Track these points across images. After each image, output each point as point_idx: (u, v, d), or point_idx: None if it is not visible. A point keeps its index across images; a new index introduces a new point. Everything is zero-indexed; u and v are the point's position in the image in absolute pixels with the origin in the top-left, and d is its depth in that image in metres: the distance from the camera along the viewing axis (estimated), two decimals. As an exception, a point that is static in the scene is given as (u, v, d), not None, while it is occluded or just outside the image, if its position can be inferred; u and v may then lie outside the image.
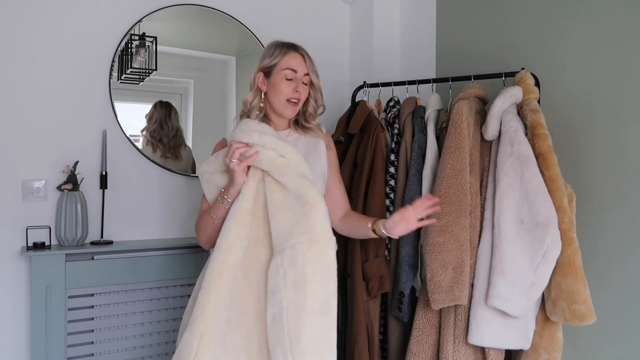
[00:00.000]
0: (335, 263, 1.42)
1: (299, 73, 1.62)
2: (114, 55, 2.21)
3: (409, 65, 2.62)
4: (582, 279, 1.56)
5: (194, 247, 2.25)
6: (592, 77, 1.81)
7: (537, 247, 1.57)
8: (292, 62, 1.62)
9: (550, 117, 1.73)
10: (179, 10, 2.34)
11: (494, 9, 2.19)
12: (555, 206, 1.58)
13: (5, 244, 2.03)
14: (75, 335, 2.03)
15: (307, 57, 1.65)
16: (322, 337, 1.37)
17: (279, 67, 1.61)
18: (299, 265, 1.37)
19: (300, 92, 1.62)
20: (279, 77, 1.60)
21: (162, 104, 2.35)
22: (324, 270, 1.39)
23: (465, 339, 1.66)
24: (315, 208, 1.42)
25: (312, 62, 1.66)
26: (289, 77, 1.60)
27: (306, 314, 1.35)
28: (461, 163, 1.68)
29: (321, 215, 1.42)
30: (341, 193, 1.73)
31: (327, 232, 1.43)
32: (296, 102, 1.62)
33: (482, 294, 1.62)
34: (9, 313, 2.04)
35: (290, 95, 1.60)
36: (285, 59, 1.62)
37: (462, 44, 2.34)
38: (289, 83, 1.60)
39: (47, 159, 2.10)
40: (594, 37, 1.81)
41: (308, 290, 1.36)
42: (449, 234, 1.64)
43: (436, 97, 1.94)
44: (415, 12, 2.60)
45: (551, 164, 1.61)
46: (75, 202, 2.06)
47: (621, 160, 1.73)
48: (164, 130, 2.33)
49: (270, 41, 1.67)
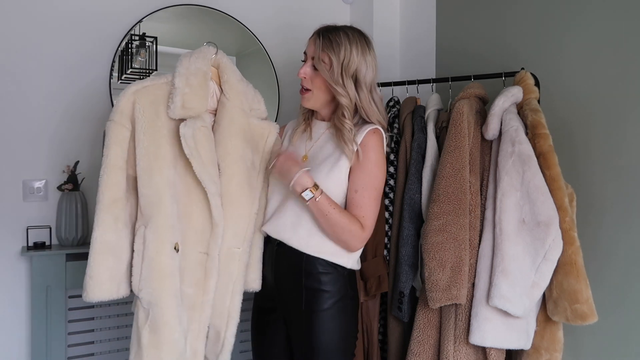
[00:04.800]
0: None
1: (309, 56, 1.53)
2: (114, 56, 2.21)
3: (409, 65, 2.62)
4: (584, 279, 1.56)
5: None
6: (592, 77, 1.81)
7: (538, 247, 1.57)
8: (307, 45, 1.55)
9: (550, 117, 1.73)
10: (179, 10, 2.34)
11: (494, 9, 2.19)
12: (557, 206, 1.58)
13: (6, 244, 2.04)
14: (76, 335, 2.03)
15: (320, 38, 1.49)
16: None
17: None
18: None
19: (305, 78, 1.53)
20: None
21: None
22: None
23: (466, 339, 1.65)
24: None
25: (333, 45, 1.48)
26: (302, 60, 1.55)
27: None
28: (461, 162, 1.68)
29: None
30: (352, 204, 1.52)
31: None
32: (305, 90, 1.55)
33: (484, 293, 1.62)
34: (9, 313, 2.04)
35: (301, 81, 1.55)
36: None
37: (462, 44, 2.34)
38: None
39: (48, 159, 2.10)
40: (594, 37, 1.81)
41: None
42: (447, 233, 1.64)
43: (436, 96, 1.94)
44: (415, 12, 2.60)
45: (552, 163, 1.61)
46: (75, 202, 2.06)
47: (621, 160, 1.73)
48: None
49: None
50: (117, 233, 1.43)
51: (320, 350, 1.51)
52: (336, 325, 1.53)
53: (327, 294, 1.52)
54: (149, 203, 1.42)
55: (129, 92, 1.44)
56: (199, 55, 1.51)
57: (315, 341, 1.51)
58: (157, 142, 1.44)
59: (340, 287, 1.55)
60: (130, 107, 1.43)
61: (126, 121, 1.43)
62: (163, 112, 1.45)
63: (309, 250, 1.53)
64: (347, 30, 1.54)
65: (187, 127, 1.43)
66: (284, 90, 2.57)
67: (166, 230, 1.43)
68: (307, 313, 1.52)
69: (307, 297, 1.52)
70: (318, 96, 1.56)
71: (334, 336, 1.53)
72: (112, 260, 1.43)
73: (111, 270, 1.43)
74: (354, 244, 1.52)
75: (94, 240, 1.42)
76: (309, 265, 1.53)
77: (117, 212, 1.43)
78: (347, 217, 1.49)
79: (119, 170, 1.43)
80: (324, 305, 1.52)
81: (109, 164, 1.42)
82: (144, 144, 1.43)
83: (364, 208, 1.51)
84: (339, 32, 1.52)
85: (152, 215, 1.42)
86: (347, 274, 1.58)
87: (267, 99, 2.50)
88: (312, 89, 1.55)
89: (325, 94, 1.56)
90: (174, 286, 1.43)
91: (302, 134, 1.65)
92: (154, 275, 1.41)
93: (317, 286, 1.52)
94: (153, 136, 1.43)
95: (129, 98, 1.43)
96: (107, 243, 1.42)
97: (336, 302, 1.53)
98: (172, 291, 1.42)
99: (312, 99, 1.56)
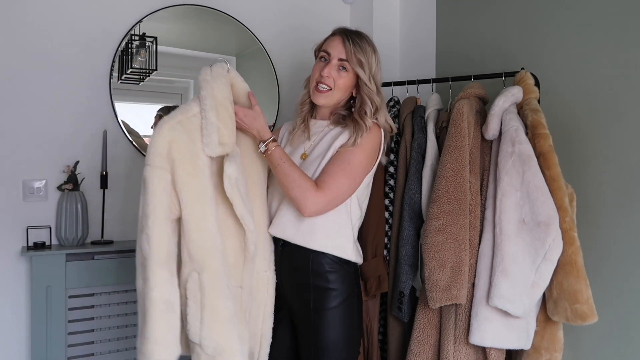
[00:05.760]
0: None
1: (333, 57, 1.53)
2: (114, 56, 2.21)
3: (409, 65, 2.62)
4: (584, 279, 1.56)
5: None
6: (592, 77, 1.81)
7: (538, 247, 1.57)
8: (329, 45, 1.55)
9: (550, 117, 1.73)
10: (179, 10, 2.34)
11: (494, 9, 2.19)
12: (557, 206, 1.58)
13: (6, 244, 2.04)
14: (76, 335, 2.03)
15: (350, 41, 1.51)
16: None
17: (320, 51, 1.57)
18: None
19: (328, 77, 1.52)
20: (316, 61, 1.56)
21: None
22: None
23: (466, 339, 1.65)
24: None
25: (362, 50, 1.51)
26: (322, 60, 1.54)
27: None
28: (461, 162, 1.68)
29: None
30: (321, 170, 1.52)
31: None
32: (324, 88, 1.54)
33: (484, 293, 1.62)
34: (9, 313, 2.04)
35: (318, 78, 1.53)
36: (326, 42, 1.57)
37: (462, 44, 2.34)
38: (320, 65, 1.54)
39: (48, 158, 2.10)
40: (593, 37, 1.81)
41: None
42: (447, 233, 1.64)
43: (436, 96, 1.94)
44: (415, 12, 2.60)
45: (552, 163, 1.61)
46: (75, 202, 2.06)
47: (620, 160, 1.73)
48: None
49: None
50: (175, 289, 1.34)
51: (329, 348, 1.52)
52: (343, 322, 1.55)
53: (334, 292, 1.54)
54: (200, 247, 1.33)
55: (164, 130, 1.33)
56: (221, 80, 1.41)
57: (323, 339, 1.52)
58: (204, 184, 1.35)
59: (348, 285, 1.57)
60: (166, 147, 1.32)
61: (166, 163, 1.32)
62: (200, 149, 1.35)
63: (314, 245, 1.53)
64: (363, 34, 1.60)
65: (233, 168, 1.36)
66: (284, 90, 2.57)
67: (223, 274, 1.35)
68: (315, 312, 1.53)
69: (315, 296, 1.53)
70: (336, 96, 1.58)
71: (341, 334, 1.54)
72: (174, 319, 1.34)
73: (175, 330, 1.34)
74: (304, 202, 1.44)
75: (154, 301, 1.29)
76: (316, 265, 1.54)
77: (172, 267, 1.33)
78: (300, 173, 1.47)
79: (167, 221, 1.32)
80: (331, 304, 1.53)
81: (158, 215, 1.30)
82: (190, 188, 1.32)
83: (328, 174, 1.49)
84: (361, 36, 1.57)
85: (205, 259, 1.33)
86: (352, 271, 1.60)
87: (267, 99, 2.52)
88: (333, 88, 1.56)
89: (343, 94, 1.59)
90: (237, 328, 1.37)
91: (301, 134, 1.66)
92: (217, 321, 1.33)
93: (324, 285, 1.53)
94: (199, 178, 1.34)
95: (165, 137, 1.33)
96: (168, 303, 1.32)
97: (344, 301, 1.55)
98: (237, 333, 1.36)
99: (330, 97, 1.57)
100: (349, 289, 1.58)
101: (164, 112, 2.33)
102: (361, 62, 1.53)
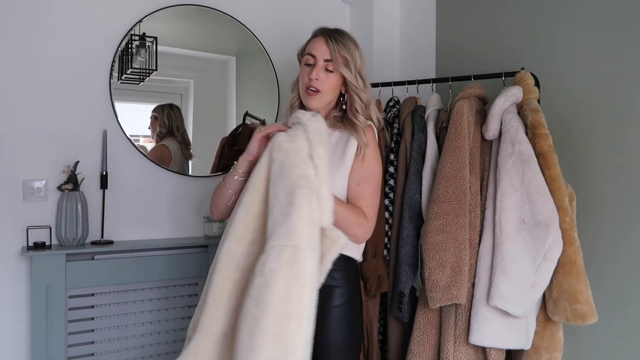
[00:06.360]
0: (310, 276, 1.26)
1: (319, 58, 1.53)
2: (114, 56, 2.21)
3: (409, 65, 2.62)
4: (584, 279, 1.56)
5: (194, 247, 2.25)
6: (592, 77, 1.81)
7: (538, 247, 1.57)
8: (312, 47, 1.55)
9: (550, 117, 1.73)
10: (179, 11, 2.34)
11: (494, 9, 2.19)
12: (557, 206, 1.58)
13: (6, 244, 2.03)
14: (76, 335, 2.03)
15: (333, 41, 1.51)
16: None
17: (304, 53, 1.56)
18: (266, 273, 1.22)
19: (317, 80, 1.52)
20: (302, 64, 1.56)
21: (172, 106, 2.37)
22: (292, 285, 1.23)
23: (466, 339, 1.65)
24: (296, 211, 1.25)
25: (346, 47, 1.52)
26: (308, 63, 1.54)
27: (259, 333, 1.19)
28: (461, 162, 1.68)
29: (298, 220, 1.25)
30: (354, 196, 1.54)
31: (303, 240, 1.25)
32: (315, 91, 1.54)
33: (484, 293, 1.62)
34: (9, 313, 2.04)
35: (307, 82, 1.53)
36: (309, 44, 1.57)
37: (462, 44, 2.34)
38: (307, 70, 1.54)
39: (48, 159, 2.10)
40: (593, 37, 1.81)
41: (267, 305, 1.20)
42: (447, 233, 1.64)
43: (436, 96, 1.94)
44: (415, 12, 2.60)
45: (552, 163, 1.61)
46: (75, 202, 2.06)
47: (621, 160, 1.73)
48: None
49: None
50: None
51: (334, 346, 1.53)
52: (348, 320, 1.55)
53: (339, 289, 1.54)
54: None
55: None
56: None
57: (328, 337, 1.52)
58: None
59: (352, 283, 1.58)
60: None
61: None
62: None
63: None
64: (344, 31, 1.59)
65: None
66: (283, 90, 2.56)
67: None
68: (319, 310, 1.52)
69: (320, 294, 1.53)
70: (327, 97, 1.58)
71: (346, 331, 1.55)
72: None
73: None
74: (361, 235, 1.54)
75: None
76: None
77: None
78: (352, 209, 1.51)
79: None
80: (336, 302, 1.54)
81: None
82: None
83: (366, 199, 1.54)
84: (342, 33, 1.57)
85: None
86: (355, 270, 1.62)
87: (267, 99, 2.52)
88: (322, 90, 1.56)
89: (332, 95, 1.59)
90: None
91: None
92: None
93: (330, 282, 1.52)
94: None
95: None
96: None
97: (349, 299, 1.56)
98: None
99: (321, 99, 1.57)
100: (353, 287, 1.59)
101: (158, 112, 2.33)
102: (346, 59, 1.53)
